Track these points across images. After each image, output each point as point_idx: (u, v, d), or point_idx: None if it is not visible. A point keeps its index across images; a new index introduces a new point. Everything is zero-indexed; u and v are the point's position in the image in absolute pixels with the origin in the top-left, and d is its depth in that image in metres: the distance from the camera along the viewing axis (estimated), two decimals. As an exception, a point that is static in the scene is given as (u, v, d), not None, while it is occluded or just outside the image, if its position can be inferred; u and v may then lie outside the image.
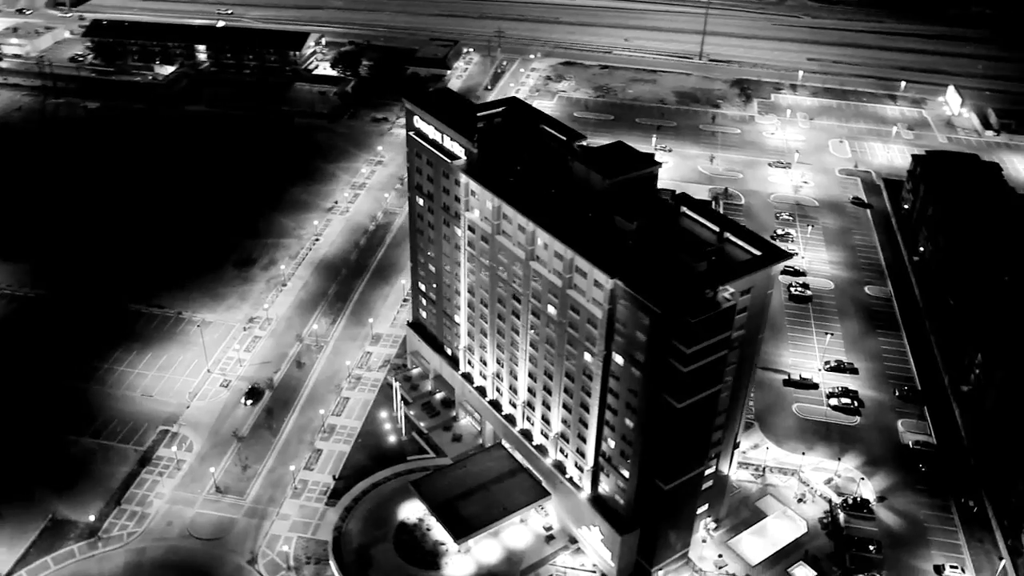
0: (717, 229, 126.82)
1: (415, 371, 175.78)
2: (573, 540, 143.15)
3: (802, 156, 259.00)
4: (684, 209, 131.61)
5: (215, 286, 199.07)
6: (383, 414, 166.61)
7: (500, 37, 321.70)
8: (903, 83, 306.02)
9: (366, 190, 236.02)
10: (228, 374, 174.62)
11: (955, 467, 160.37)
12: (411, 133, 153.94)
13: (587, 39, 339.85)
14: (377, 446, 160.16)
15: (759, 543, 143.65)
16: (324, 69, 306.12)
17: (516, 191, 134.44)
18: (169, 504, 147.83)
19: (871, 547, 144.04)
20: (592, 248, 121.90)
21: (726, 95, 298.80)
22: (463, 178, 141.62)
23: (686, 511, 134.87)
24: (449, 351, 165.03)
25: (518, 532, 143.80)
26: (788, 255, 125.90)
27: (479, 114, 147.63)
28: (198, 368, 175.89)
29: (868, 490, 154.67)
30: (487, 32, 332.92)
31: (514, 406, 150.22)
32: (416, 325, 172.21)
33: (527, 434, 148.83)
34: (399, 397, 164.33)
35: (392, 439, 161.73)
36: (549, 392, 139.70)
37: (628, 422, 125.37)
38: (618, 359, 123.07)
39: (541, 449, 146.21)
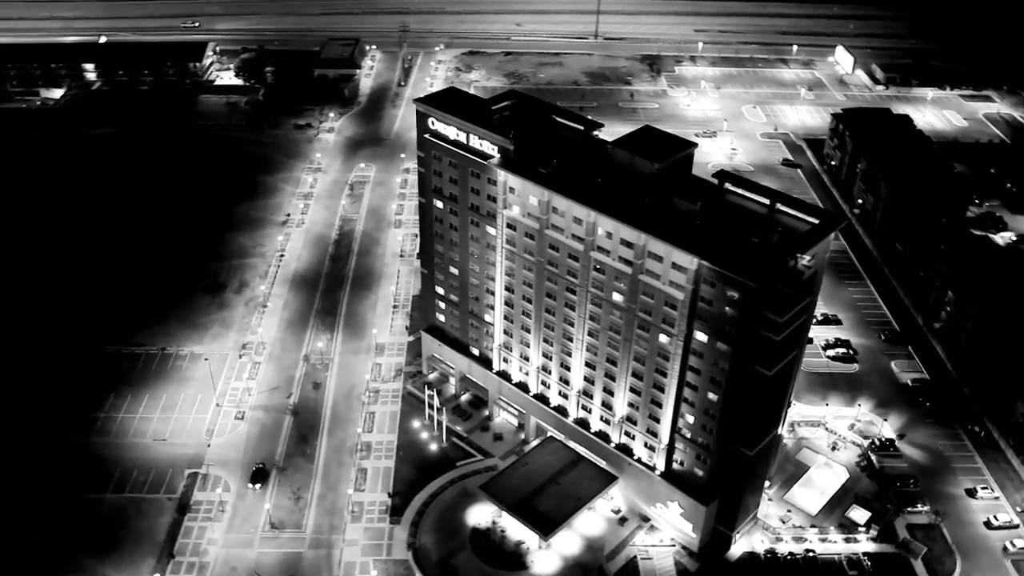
0: (766, 201, 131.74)
1: (432, 376, 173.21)
2: (645, 519, 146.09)
3: (721, 124, 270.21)
4: (728, 185, 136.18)
5: (192, 316, 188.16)
6: (415, 424, 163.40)
7: (406, 32, 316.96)
8: (795, 47, 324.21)
9: (315, 199, 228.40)
10: (240, 405, 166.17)
11: (953, 398, 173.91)
12: (426, 136, 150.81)
13: (480, 27, 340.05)
14: (421, 456, 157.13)
15: (811, 494, 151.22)
16: (225, 79, 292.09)
17: (566, 183, 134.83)
18: (225, 549, 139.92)
19: (911, 482, 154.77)
20: (670, 231, 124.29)
21: (633, 71, 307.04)
22: (501, 175, 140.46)
23: (762, 473, 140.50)
24: (477, 351, 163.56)
25: (590, 519, 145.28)
26: (845, 219, 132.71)
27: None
28: (205, 404, 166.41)
29: (888, 430, 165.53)
30: (379, 28, 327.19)
31: (565, 397, 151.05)
32: (434, 330, 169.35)
33: (583, 423, 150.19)
34: (436, 404, 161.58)
35: (433, 447, 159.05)
36: (612, 378, 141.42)
37: (711, 396, 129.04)
38: (701, 336, 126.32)
39: (602, 435, 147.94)
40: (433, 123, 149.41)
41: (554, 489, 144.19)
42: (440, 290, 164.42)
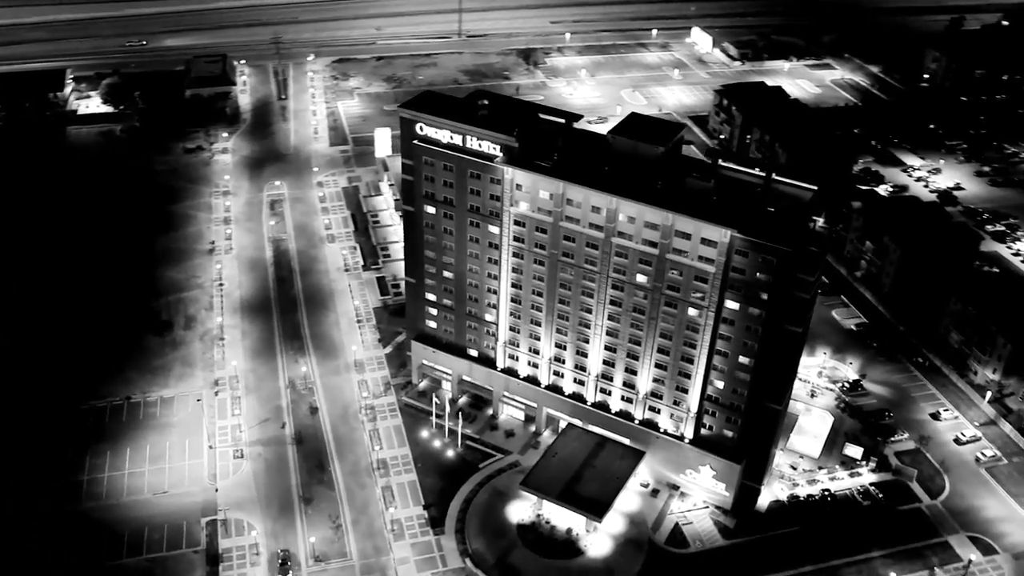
0: (760, 174, 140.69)
1: (423, 384, 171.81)
2: (674, 487, 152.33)
3: (607, 109, 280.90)
4: (720, 161, 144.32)
5: (147, 360, 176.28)
6: (424, 434, 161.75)
7: (278, 43, 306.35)
8: (654, 31, 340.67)
9: (235, 223, 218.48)
10: (235, 443, 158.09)
11: (894, 336, 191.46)
12: (415, 142, 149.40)
13: (340, 34, 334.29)
14: (440, 464, 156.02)
15: (808, 440, 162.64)
16: (91, 107, 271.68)
17: (581, 174, 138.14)
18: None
19: (886, 415, 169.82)
20: (699, 209, 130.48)
21: (507, 66, 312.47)
22: (508, 173, 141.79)
23: (781, 425, 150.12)
24: (476, 352, 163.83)
25: (624, 496, 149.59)
26: (840, 186, 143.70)
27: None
28: (196, 447, 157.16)
29: (852, 372, 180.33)
30: (234, 41, 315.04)
31: (581, 383, 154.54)
32: (424, 337, 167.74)
33: (602, 405, 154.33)
34: (448, 411, 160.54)
35: (450, 454, 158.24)
36: (635, 358, 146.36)
37: (743, 359, 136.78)
38: (732, 304, 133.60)
39: (624, 414, 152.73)
40: (422, 128, 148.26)
41: (591, 473, 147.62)
42: (432, 296, 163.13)
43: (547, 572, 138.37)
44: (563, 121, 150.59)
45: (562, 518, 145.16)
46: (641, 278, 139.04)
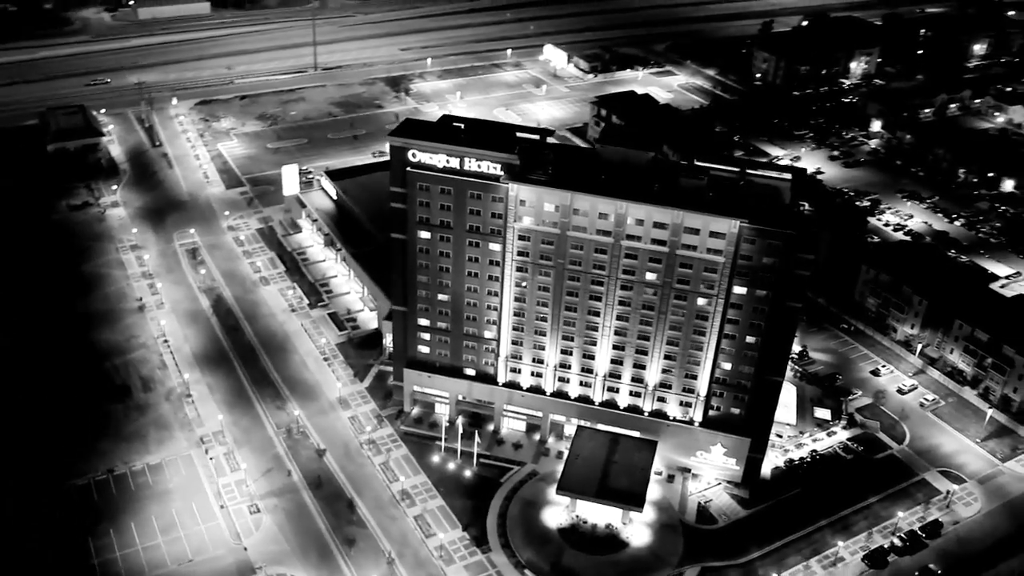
0: (736, 169, 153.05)
1: (415, 411, 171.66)
2: (685, 470, 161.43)
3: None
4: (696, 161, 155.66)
5: (117, 429, 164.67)
6: (435, 458, 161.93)
7: (142, 87, 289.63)
8: (509, 51, 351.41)
9: (156, 277, 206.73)
10: (246, 498, 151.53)
11: (818, 308, 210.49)
12: (409, 169, 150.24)
13: (188, 75, 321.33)
14: (462, 485, 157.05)
15: (783, 410, 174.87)
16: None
17: (586, 184, 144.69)
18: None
19: (837, 378, 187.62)
20: (706, 205, 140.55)
21: (375, 94, 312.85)
22: (513, 190, 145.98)
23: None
24: (474, 371, 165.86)
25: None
26: (804, 170, 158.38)
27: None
28: (206, 510, 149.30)
29: (795, 345, 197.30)
30: (71, 93, 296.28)
31: (588, 386, 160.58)
32: (416, 364, 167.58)
33: (610, 403, 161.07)
34: (466, 433, 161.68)
35: (467, 473, 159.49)
36: (643, 353, 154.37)
37: (749, 339, 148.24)
38: (739, 290, 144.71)
39: (632, 408, 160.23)
40: (415, 155, 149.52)
41: (616, 468, 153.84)
42: (424, 321, 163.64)
43: (601, 568, 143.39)
44: (537, 137, 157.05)
45: (597, 515, 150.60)
46: (650, 276, 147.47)
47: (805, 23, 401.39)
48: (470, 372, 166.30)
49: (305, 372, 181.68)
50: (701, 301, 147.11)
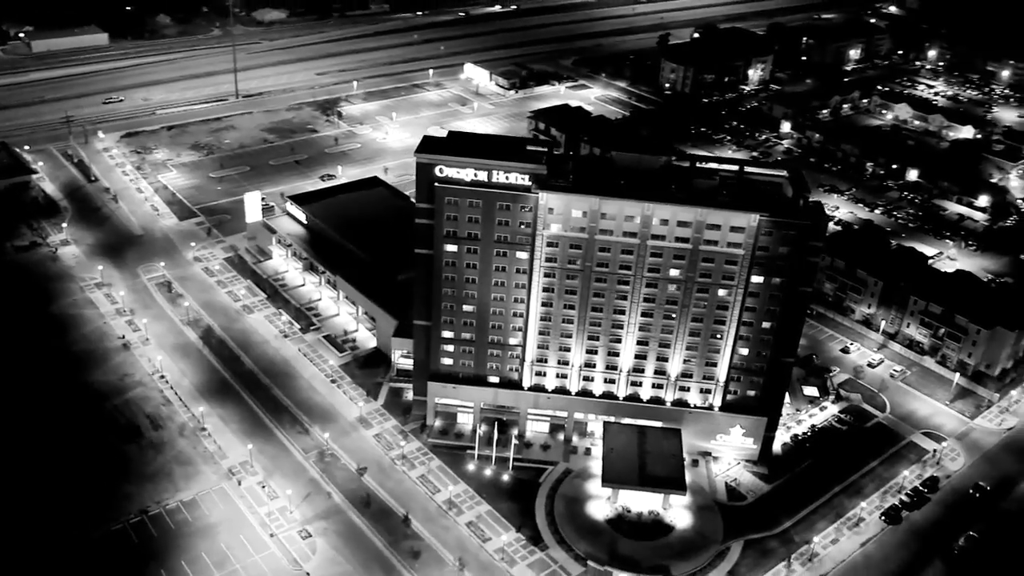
0: (734, 168, 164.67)
1: (438, 424, 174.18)
2: (706, 454, 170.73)
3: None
4: (698, 164, 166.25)
5: (138, 469, 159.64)
6: (470, 467, 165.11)
7: (70, 121, 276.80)
8: (431, 71, 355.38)
9: (134, 315, 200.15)
10: (293, 525, 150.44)
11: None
12: (436, 184, 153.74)
13: (104, 109, 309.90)
14: (502, 489, 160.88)
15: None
16: None
17: (613, 190, 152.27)
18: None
19: (813, 358, 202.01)
20: (729, 202, 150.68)
21: (306, 119, 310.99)
22: (542, 199, 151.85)
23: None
24: (497, 378, 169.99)
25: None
26: (798, 166, 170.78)
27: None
28: (256, 541, 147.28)
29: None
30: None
31: (612, 382, 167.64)
32: (440, 376, 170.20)
33: (633, 397, 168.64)
34: (499, 439, 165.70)
35: (505, 477, 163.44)
36: (666, 346, 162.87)
37: (765, 324, 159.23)
38: (756, 279, 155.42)
39: (655, 400, 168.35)
40: (442, 171, 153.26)
41: (651, 457, 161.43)
42: (448, 334, 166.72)
43: (656, 552, 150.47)
44: (544, 149, 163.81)
45: (639, 503, 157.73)
46: (674, 272, 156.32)
47: (697, 35, 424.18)
48: (494, 380, 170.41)
49: (316, 396, 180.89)
50: (722, 292, 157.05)
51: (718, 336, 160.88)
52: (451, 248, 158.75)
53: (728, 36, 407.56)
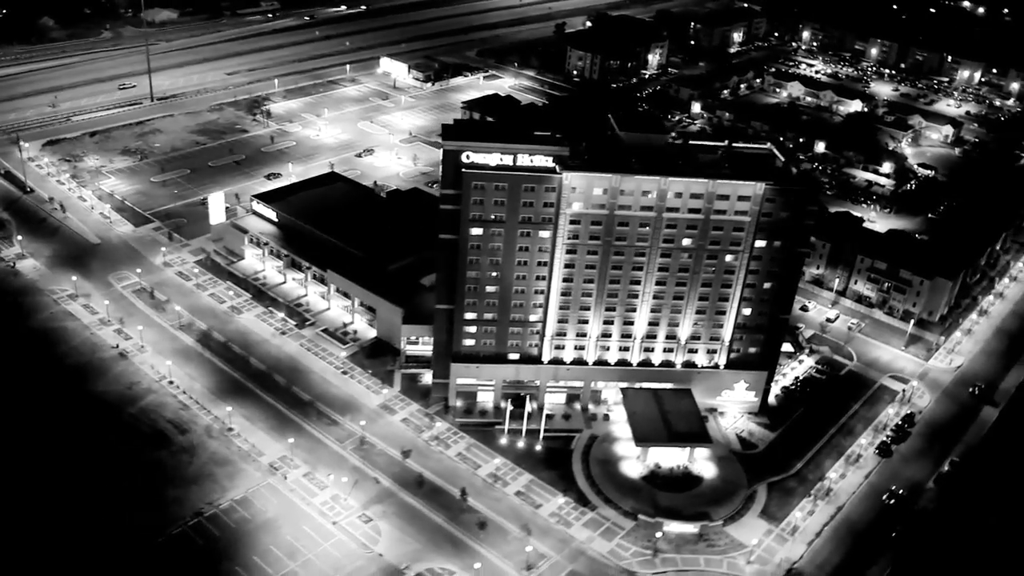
0: (724, 143, 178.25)
1: (460, 404, 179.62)
2: (712, 410, 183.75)
3: (365, 142, 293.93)
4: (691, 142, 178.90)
5: (180, 474, 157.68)
6: (502, 441, 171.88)
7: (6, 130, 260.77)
8: (348, 67, 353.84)
9: (124, 324, 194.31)
10: (351, 511, 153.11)
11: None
12: (464, 171, 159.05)
13: (10, 117, 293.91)
14: (538, 460, 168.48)
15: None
16: None
17: (631, 167, 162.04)
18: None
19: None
20: (735, 173, 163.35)
21: (232, 119, 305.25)
22: (567, 179, 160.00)
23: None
24: (518, 355, 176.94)
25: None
26: (781, 139, 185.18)
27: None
28: (320, 529, 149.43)
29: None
30: None
31: (626, 349, 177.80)
32: (462, 357, 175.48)
33: (646, 363, 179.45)
34: (524, 414, 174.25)
35: (538, 447, 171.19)
36: (677, 312, 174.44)
37: (766, 285, 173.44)
38: (759, 243, 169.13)
39: (666, 363, 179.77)
40: (468, 156, 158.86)
41: (672, 416, 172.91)
42: (471, 315, 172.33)
43: (694, 502, 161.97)
44: (548, 133, 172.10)
45: (666, 459, 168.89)
46: (687, 241, 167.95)
47: (589, 23, 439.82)
48: (514, 356, 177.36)
49: (332, 388, 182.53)
50: (729, 258, 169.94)
51: (725, 299, 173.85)
52: (476, 231, 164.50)
53: (619, 24, 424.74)
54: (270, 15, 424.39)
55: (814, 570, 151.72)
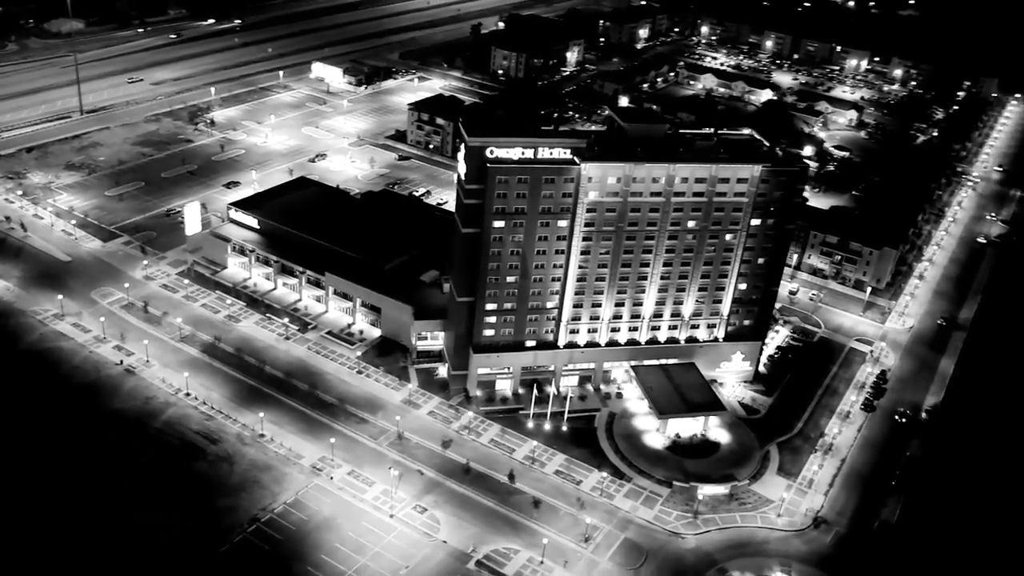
0: (711, 131, 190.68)
1: (480, 393, 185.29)
2: (712, 381, 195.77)
3: (314, 148, 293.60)
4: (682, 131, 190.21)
5: (224, 483, 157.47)
6: (529, 425, 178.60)
7: None
8: (281, 73, 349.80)
9: (123, 341, 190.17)
10: (404, 503, 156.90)
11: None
12: (489, 165, 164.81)
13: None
14: (566, 440, 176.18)
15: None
16: None
17: (641, 156, 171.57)
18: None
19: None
20: (735, 158, 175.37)
21: (171, 129, 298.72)
22: (585, 170, 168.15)
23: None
24: (534, 342, 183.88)
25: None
26: (766, 124, 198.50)
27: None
28: (379, 523, 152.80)
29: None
30: None
31: (635, 329, 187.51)
32: (482, 347, 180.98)
33: (653, 340, 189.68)
34: (547, 398, 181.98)
35: (564, 428, 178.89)
36: (682, 291, 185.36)
37: (760, 260, 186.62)
38: (755, 222, 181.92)
39: (671, 340, 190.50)
40: (492, 152, 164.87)
41: (684, 389, 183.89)
42: (491, 306, 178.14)
43: (716, 466, 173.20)
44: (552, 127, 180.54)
45: (686, 429, 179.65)
46: (692, 223, 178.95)
47: (503, 24, 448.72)
48: (531, 343, 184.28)
49: (351, 388, 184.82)
50: (728, 237, 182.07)
51: (724, 276, 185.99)
52: (499, 224, 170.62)
53: (533, 23, 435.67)
54: (150, 28, 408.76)
55: (835, 517, 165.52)
